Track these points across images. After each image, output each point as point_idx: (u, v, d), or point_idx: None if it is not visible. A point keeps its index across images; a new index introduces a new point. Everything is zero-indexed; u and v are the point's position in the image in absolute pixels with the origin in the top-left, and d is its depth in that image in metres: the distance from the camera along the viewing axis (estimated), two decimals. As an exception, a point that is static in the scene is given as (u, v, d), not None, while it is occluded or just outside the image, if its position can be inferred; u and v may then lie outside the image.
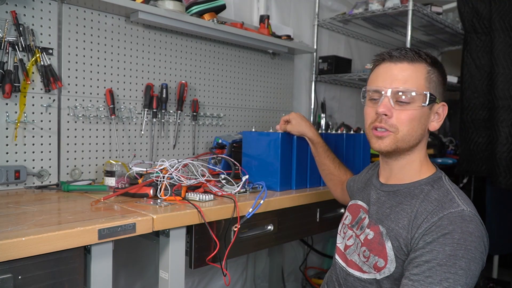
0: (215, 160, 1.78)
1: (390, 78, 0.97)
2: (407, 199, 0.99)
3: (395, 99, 0.96)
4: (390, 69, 0.98)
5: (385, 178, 1.09)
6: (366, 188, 1.16)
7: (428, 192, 0.97)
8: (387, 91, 0.96)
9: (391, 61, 0.99)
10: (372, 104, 1.01)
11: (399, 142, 0.98)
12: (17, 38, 1.39)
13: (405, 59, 0.97)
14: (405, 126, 0.96)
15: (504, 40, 2.14)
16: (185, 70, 1.93)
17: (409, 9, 2.24)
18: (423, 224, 0.90)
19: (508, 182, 2.09)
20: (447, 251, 0.83)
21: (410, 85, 0.95)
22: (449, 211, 0.89)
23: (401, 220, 0.96)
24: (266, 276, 2.37)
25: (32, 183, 1.46)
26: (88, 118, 1.60)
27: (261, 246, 1.49)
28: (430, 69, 0.98)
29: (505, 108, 2.12)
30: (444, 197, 0.93)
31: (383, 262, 0.96)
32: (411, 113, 0.96)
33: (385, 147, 0.99)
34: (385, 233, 0.98)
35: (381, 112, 0.96)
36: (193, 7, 1.80)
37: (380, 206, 1.04)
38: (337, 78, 2.67)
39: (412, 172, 1.03)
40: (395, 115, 0.96)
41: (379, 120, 0.98)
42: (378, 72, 1.01)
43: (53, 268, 0.91)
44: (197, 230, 1.23)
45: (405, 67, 0.97)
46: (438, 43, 3.40)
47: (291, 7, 2.55)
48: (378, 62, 1.02)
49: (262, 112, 2.33)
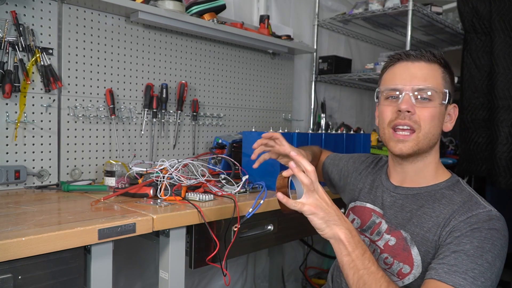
0: (215, 160, 1.78)
1: (409, 76, 0.97)
2: (429, 202, 0.98)
3: (416, 96, 0.96)
4: (408, 67, 0.98)
5: (398, 180, 1.06)
6: (375, 190, 1.12)
7: (451, 197, 0.96)
8: (408, 88, 0.96)
9: (409, 60, 0.99)
10: (390, 103, 0.99)
11: (420, 142, 0.96)
12: (17, 38, 1.39)
13: (422, 59, 0.98)
14: (427, 124, 0.96)
15: (504, 40, 2.14)
16: (185, 70, 1.93)
17: (409, 9, 2.24)
18: (451, 223, 0.90)
19: (508, 182, 2.09)
20: (474, 243, 0.83)
21: (430, 83, 0.96)
22: (478, 211, 0.89)
23: (426, 224, 0.94)
24: (266, 276, 2.37)
25: (32, 183, 1.46)
26: (88, 118, 1.60)
27: (261, 246, 1.49)
28: (443, 69, 0.99)
29: (505, 108, 2.12)
30: (469, 200, 0.93)
31: (408, 268, 0.94)
32: (432, 111, 0.96)
33: (407, 150, 0.97)
34: (409, 239, 0.96)
35: (404, 109, 0.95)
36: (193, 7, 1.80)
37: (399, 210, 1.02)
38: (337, 78, 2.67)
39: (429, 175, 1.02)
40: (417, 112, 0.95)
41: (401, 117, 0.96)
42: (394, 71, 1.01)
43: (53, 268, 0.91)
44: (197, 230, 1.23)
45: (423, 66, 0.98)
46: (438, 43, 3.40)
47: (291, 7, 2.55)
48: (393, 62, 1.02)
49: (262, 112, 2.33)
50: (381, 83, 1.04)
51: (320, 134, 1.69)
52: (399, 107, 0.96)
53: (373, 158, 1.26)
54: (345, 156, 1.36)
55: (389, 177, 1.10)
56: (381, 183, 1.11)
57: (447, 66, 1.00)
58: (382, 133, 1.03)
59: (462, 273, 0.80)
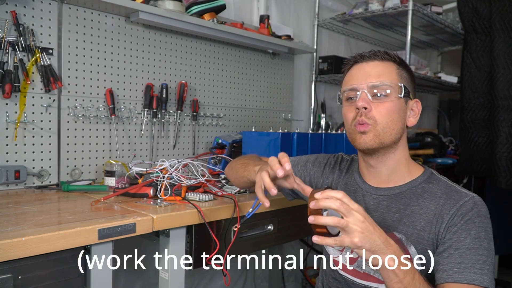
0: (215, 160, 1.78)
1: (364, 75, 1.00)
2: (413, 200, 0.99)
3: (372, 93, 0.98)
4: (363, 67, 1.01)
5: (375, 181, 1.06)
6: (353, 194, 1.08)
7: (431, 189, 0.99)
8: (363, 86, 0.98)
9: (363, 61, 1.02)
10: (350, 103, 1.02)
11: (381, 135, 0.97)
12: (17, 38, 1.39)
13: (376, 58, 1.01)
14: (384, 119, 0.97)
15: (504, 40, 2.14)
16: (185, 70, 1.93)
17: (409, 9, 2.24)
18: (445, 218, 0.93)
19: (508, 182, 2.09)
20: (472, 234, 0.89)
21: (384, 79, 0.98)
22: (464, 200, 0.94)
23: (417, 223, 0.96)
24: (266, 276, 2.37)
25: (32, 183, 1.46)
26: (88, 118, 1.60)
27: (261, 246, 1.49)
28: (399, 66, 1.02)
29: (505, 108, 2.11)
30: (449, 190, 0.97)
31: None
32: (388, 105, 0.98)
33: (369, 141, 0.97)
34: (404, 239, 0.97)
35: (360, 106, 0.97)
36: (193, 7, 1.80)
37: (385, 211, 1.01)
38: (337, 78, 2.67)
39: (403, 172, 1.03)
40: (373, 108, 0.97)
41: (359, 115, 0.98)
42: (351, 73, 1.04)
43: (53, 268, 0.91)
44: (197, 230, 1.22)
45: (376, 64, 1.01)
46: (438, 43, 3.40)
47: (291, 7, 2.55)
48: (350, 65, 1.05)
49: (262, 112, 2.33)
50: (341, 87, 1.06)
51: (320, 134, 1.69)
52: (356, 105, 0.98)
53: (333, 158, 1.21)
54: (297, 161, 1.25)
55: (364, 179, 1.09)
56: (359, 186, 1.09)
57: (402, 63, 1.03)
58: (347, 133, 1.04)
59: (470, 267, 0.87)
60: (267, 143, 1.55)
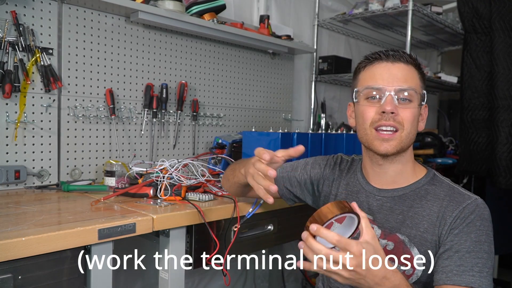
0: (215, 160, 1.78)
1: (391, 76, 0.97)
2: (416, 201, 0.99)
3: (398, 97, 0.96)
4: (388, 68, 0.98)
5: (380, 183, 1.05)
6: (356, 195, 1.08)
7: (435, 191, 0.99)
8: (391, 89, 0.95)
9: (388, 60, 0.98)
10: (371, 104, 0.98)
11: (403, 142, 0.96)
12: (17, 38, 1.39)
13: (401, 60, 0.98)
14: (409, 124, 0.96)
15: (504, 40, 2.14)
16: (185, 70, 1.93)
17: (409, 9, 2.24)
18: (448, 220, 0.93)
19: (508, 182, 2.09)
20: (472, 238, 0.89)
21: (411, 84, 0.97)
22: (467, 202, 0.93)
23: (421, 225, 0.96)
24: (266, 276, 2.38)
25: (32, 183, 1.46)
26: (88, 118, 1.60)
27: (261, 246, 1.49)
28: (418, 71, 1.01)
29: (505, 108, 2.11)
30: (452, 192, 0.97)
31: (411, 269, 0.96)
32: (413, 111, 0.97)
33: (392, 149, 0.96)
34: (407, 241, 0.96)
35: (389, 110, 0.94)
36: (193, 7, 1.80)
37: (389, 213, 1.01)
38: (337, 78, 2.67)
39: (408, 174, 1.03)
40: (400, 113, 0.96)
41: (385, 118, 0.95)
42: (373, 71, 0.99)
43: (53, 268, 0.92)
44: (197, 230, 1.22)
45: (402, 67, 0.98)
46: (438, 43, 3.40)
47: (291, 7, 2.55)
48: (371, 62, 1.00)
49: (262, 112, 2.33)
50: (359, 83, 1.02)
51: (320, 134, 1.69)
52: (383, 108, 0.95)
53: (332, 159, 1.20)
54: (296, 165, 1.24)
55: (368, 180, 1.08)
56: (362, 187, 1.08)
57: (420, 68, 1.02)
58: (363, 133, 1.00)
59: (469, 270, 0.87)
60: (267, 143, 1.55)
